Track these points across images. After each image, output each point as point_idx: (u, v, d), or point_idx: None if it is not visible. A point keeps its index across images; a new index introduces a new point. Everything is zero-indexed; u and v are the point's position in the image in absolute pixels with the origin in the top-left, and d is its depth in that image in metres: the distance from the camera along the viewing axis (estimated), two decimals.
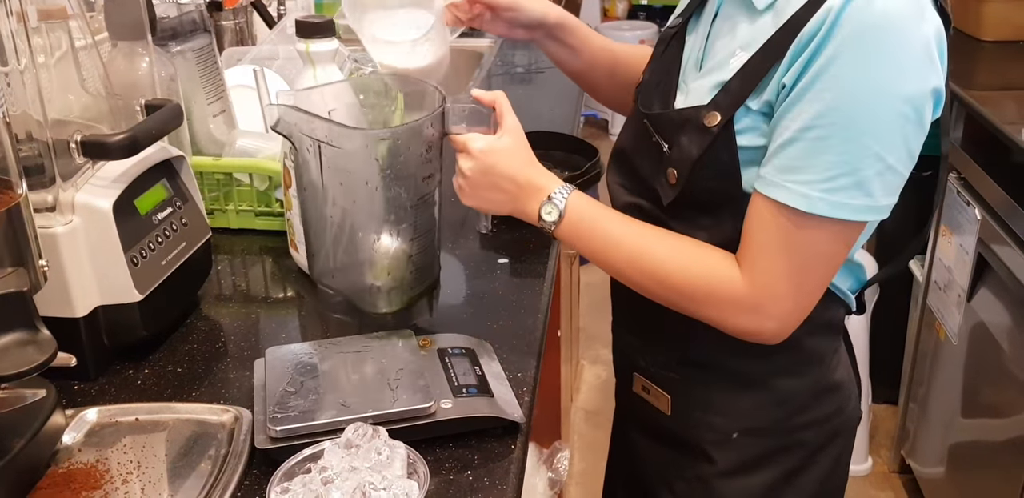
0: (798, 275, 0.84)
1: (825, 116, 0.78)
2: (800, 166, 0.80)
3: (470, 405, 0.86)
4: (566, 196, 0.90)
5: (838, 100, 0.77)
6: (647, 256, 0.89)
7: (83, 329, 0.92)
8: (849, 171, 0.79)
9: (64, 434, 0.85)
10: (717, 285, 0.86)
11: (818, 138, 0.78)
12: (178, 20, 1.13)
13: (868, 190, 0.79)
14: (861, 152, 0.78)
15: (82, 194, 0.87)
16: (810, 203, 0.80)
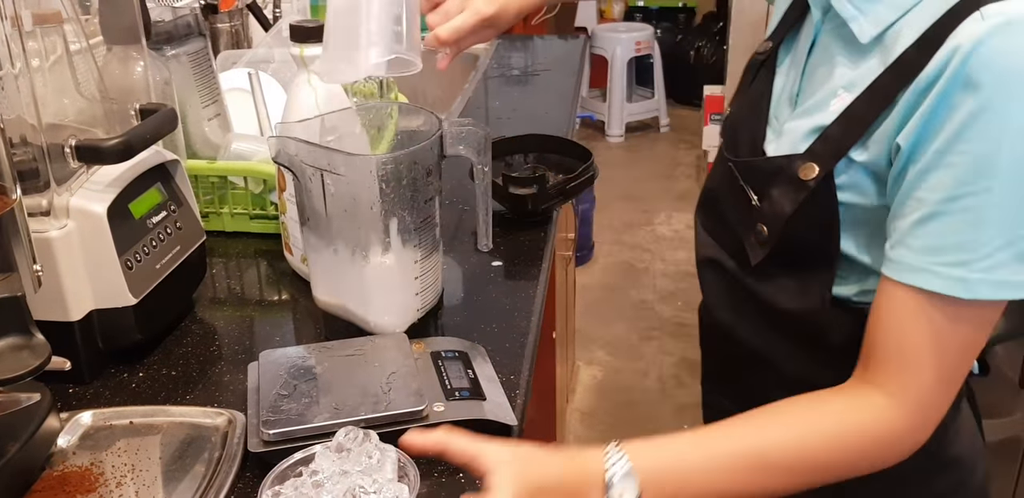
0: (951, 376, 0.73)
1: (974, 182, 0.67)
2: (949, 245, 0.69)
3: (462, 408, 0.86)
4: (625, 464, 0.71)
5: (991, 162, 0.67)
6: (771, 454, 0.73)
7: (78, 333, 0.92)
8: (1008, 242, 0.68)
9: (59, 437, 0.86)
10: (869, 433, 0.73)
11: (968, 209, 0.68)
12: (173, 24, 1.14)
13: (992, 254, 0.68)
14: (1020, 221, 0.68)
15: (76, 198, 0.87)
16: (968, 287, 0.68)
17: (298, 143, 0.84)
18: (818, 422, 0.74)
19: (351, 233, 0.88)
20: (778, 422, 0.75)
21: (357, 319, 0.95)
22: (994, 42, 0.65)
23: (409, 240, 0.90)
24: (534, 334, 1.05)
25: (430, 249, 0.93)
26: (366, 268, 0.90)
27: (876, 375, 0.73)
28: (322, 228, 0.91)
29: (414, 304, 0.95)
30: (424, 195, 0.89)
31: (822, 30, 0.83)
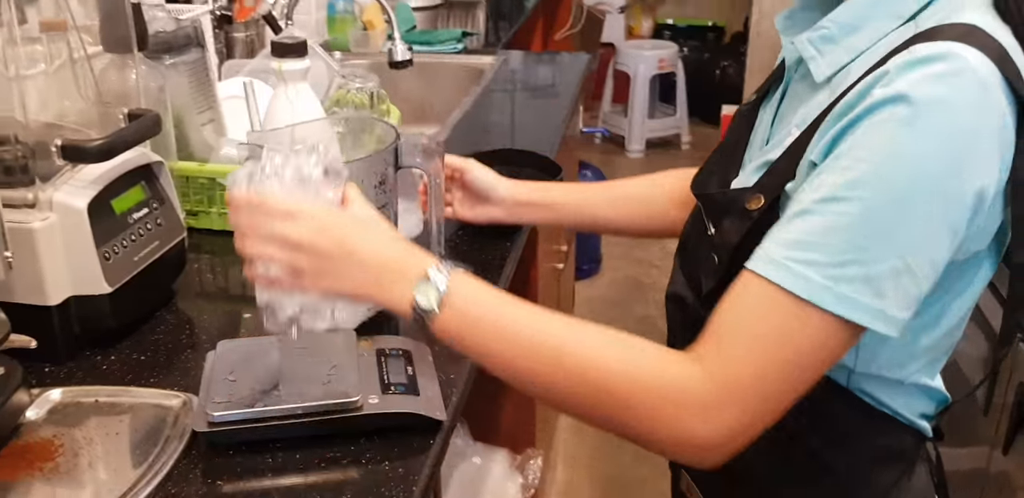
0: (776, 376, 0.71)
1: (853, 189, 0.68)
2: (807, 243, 0.69)
3: (395, 401, 0.93)
4: (446, 275, 0.75)
5: (876, 175, 0.68)
6: (570, 347, 0.74)
7: (55, 316, 1.00)
8: (862, 260, 0.68)
9: (28, 410, 0.94)
10: (664, 379, 0.71)
11: (838, 214, 0.69)
12: (173, 34, 1.23)
13: (879, 289, 0.68)
14: (881, 241, 0.68)
15: (60, 193, 0.96)
16: (810, 289, 0.69)
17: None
18: (629, 352, 0.74)
19: None
20: (600, 334, 0.76)
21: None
22: (914, 72, 0.68)
23: None
24: None
25: None
26: None
27: (703, 347, 0.73)
28: None
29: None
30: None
31: (793, 77, 0.87)
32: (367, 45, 2.27)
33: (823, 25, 0.80)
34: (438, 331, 0.76)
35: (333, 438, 0.92)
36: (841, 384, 0.83)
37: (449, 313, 0.75)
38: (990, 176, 0.70)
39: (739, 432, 0.72)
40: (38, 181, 0.94)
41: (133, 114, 1.03)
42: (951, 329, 0.83)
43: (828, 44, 0.79)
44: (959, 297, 0.80)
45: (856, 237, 0.68)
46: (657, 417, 0.72)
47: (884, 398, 0.84)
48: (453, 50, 2.39)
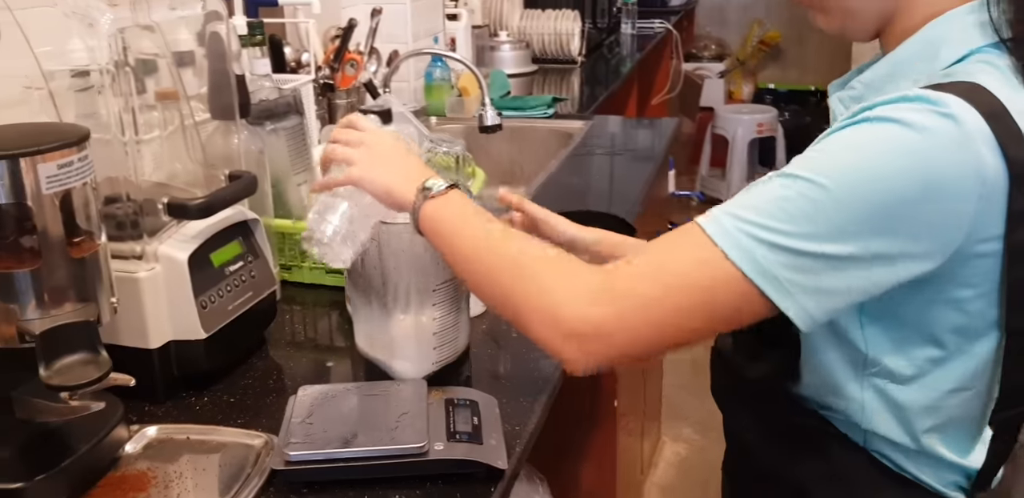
0: (662, 299, 0.76)
1: (808, 169, 0.74)
2: (745, 202, 0.75)
3: (459, 449, 0.98)
4: (449, 183, 0.92)
5: (829, 164, 0.73)
6: (508, 238, 0.86)
7: (156, 359, 1.10)
8: (781, 229, 0.72)
9: (127, 444, 1.03)
10: (569, 264, 0.81)
11: (783, 186, 0.74)
12: (275, 103, 1.34)
13: (782, 260, 0.72)
14: (807, 221, 0.72)
15: (164, 246, 1.06)
16: (721, 232, 0.74)
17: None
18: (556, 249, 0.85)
19: (379, 290, 1.04)
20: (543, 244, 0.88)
21: (384, 366, 1.10)
22: (899, 103, 0.73)
23: (427, 300, 1.04)
24: (548, 394, 1.17)
25: (450, 309, 1.07)
26: (389, 322, 1.05)
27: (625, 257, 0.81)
28: (360, 283, 1.07)
29: (431, 356, 1.08)
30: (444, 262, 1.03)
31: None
32: (462, 110, 2.38)
33: (852, 86, 0.86)
34: (424, 212, 0.90)
35: (400, 481, 0.97)
36: (858, 443, 0.86)
37: (440, 200, 0.90)
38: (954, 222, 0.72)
39: (602, 333, 0.77)
40: (145, 235, 1.04)
41: (233, 175, 1.13)
42: (951, 391, 0.83)
43: (855, 103, 0.84)
44: (954, 361, 0.81)
45: (787, 208, 0.72)
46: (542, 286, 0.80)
47: (902, 463, 0.86)
48: (543, 115, 2.49)
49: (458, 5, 2.77)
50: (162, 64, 1.12)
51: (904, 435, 0.85)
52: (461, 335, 1.12)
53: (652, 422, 2.69)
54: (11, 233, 0.82)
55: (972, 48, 0.79)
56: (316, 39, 1.93)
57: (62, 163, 0.81)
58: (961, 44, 0.79)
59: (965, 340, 0.81)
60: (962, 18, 0.80)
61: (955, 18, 0.80)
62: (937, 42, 0.80)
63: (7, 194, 0.79)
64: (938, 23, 0.81)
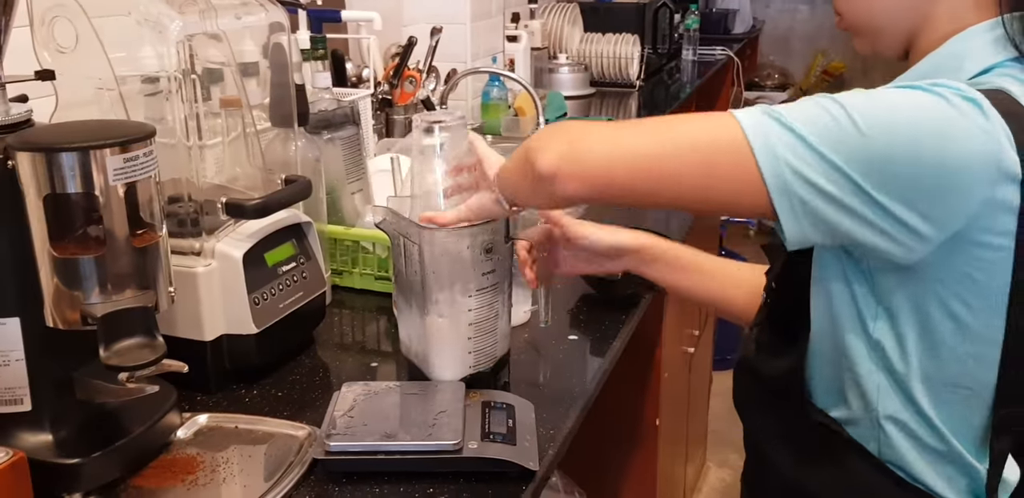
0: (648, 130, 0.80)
1: (845, 98, 0.77)
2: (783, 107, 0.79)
3: (492, 449, 1.01)
4: None
5: (864, 99, 0.76)
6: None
7: (209, 351, 1.15)
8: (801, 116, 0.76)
9: (179, 430, 1.08)
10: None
11: (818, 102, 0.77)
12: (333, 113, 1.40)
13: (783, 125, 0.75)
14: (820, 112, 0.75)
15: (221, 244, 1.12)
16: (747, 114, 0.77)
17: (389, 211, 1.05)
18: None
19: (419, 293, 1.08)
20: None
21: (422, 367, 1.13)
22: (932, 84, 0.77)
23: (464, 305, 1.08)
24: (585, 401, 1.19)
25: (487, 315, 1.11)
26: (427, 325, 1.09)
27: None
28: (403, 287, 1.11)
29: (468, 360, 1.12)
30: (481, 268, 1.07)
31: None
32: (517, 130, 2.43)
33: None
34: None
35: (434, 476, 1.01)
36: (872, 453, 0.87)
37: None
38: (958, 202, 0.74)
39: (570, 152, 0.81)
40: (204, 233, 1.10)
41: (289, 179, 1.19)
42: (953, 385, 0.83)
43: None
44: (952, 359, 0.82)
45: (818, 121, 0.75)
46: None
47: (916, 472, 0.86)
48: None
49: (519, 27, 2.83)
50: (227, 73, 1.19)
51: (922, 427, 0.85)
52: (500, 341, 1.16)
53: (697, 446, 2.68)
54: (79, 222, 0.88)
55: (993, 62, 0.82)
56: (377, 55, 2.00)
57: (128, 157, 0.86)
58: (983, 58, 0.83)
59: (966, 336, 0.81)
60: (982, 35, 0.84)
61: (976, 35, 0.84)
62: (960, 56, 0.84)
63: (77, 184, 0.85)
64: (960, 38, 0.85)
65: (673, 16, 3.78)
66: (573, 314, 1.43)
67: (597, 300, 1.46)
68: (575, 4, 3.42)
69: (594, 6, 3.52)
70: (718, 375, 3.07)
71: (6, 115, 0.91)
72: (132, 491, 0.97)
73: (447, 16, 2.36)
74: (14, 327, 0.90)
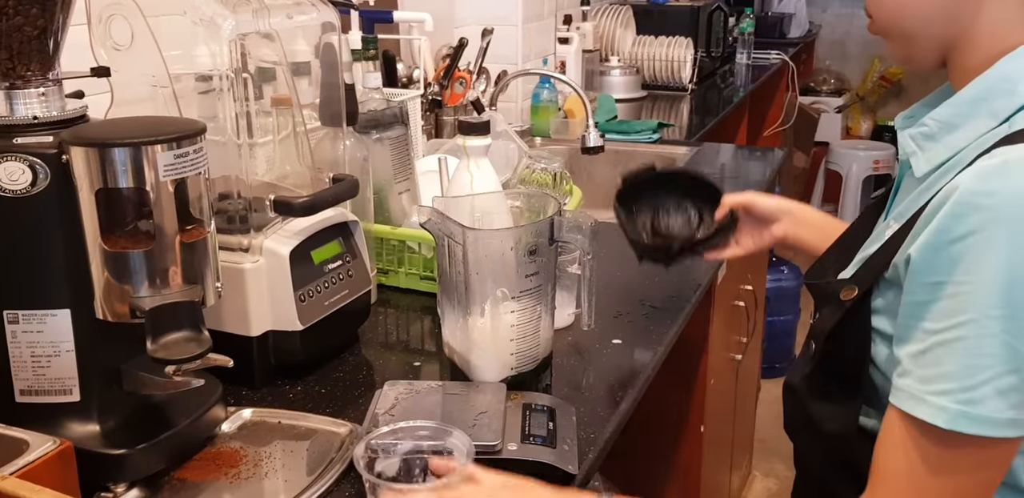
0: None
1: (964, 313, 0.72)
2: (938, 374, 0.73)
3: (531, 451, 1.01)
4: None
5: (979, 295, 0.71)
6: None
7: (255, 346, 1.16)
8: (990, 377, 0.71)
9: (224, 424, 1.09)
10: None
11: (958, 339, 0.72)
12: (382, 113, 1.41)
13: (1013, 401, 0.71)
14: (1005, 355, 0.71)
15: (269, 241, 1.13)
16: (949, 418, 0.72)
17: (434, 211, 1.05)
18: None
19: (462, 294, 1.08)
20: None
21: (463, 367, 1.14)
22: (983, 180, 0.72)
23: (506, 307, 1.08)
24: (627, 406, 1.18)
25: (529, 318, 1.10)
26: (469, 325, 1.10)
27: (873, 489, 0.79)
28: (447, 287, 1.12)
29: (509, 362, 1.12)
30: (525, 270, 1.07)
31: (905, 173, 0.91)
32: (566, 132, 2.43)
33: (924, 123, 0.84)
34: None
35: None
36: None
37: None
38: None
39: None
40: (252, 230, 1.11)
41: (336, 178, 1.20)
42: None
43: (928, 141, 0.83)
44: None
45: (976, 357, 0.71)
46: None
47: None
48: (648, 140, 2.51)
49: (570, 29, 2.83)
50: (279, 72, 1.20)
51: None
52: (542, 344, 1.15)
53: (743, 454, 2.65)
54: (130, 216, 0.90)
55: None
56: (428, 56, 2.01)
57: (178, 153, 0.88)
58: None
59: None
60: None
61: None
62: (1013, 79, 0.79)
63: (129, 179, 0.86)
64: (1012, 58, 0.80)
65: (727, 19, 3.74)
66: (618, 318, 1.43)
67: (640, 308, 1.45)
68: (628, 6, 3.41)
69: (647, 8, 3.50)
70: (766, 383, 3.03)
71: (62, 110, 0.93)
72: (176, 483, 0.98)
73: (499, 17, 2.36)
74: (65, 319, 0.91)
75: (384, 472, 0.93)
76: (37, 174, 0.87)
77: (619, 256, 1.71)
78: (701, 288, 1.55)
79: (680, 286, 1.55)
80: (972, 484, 0.75)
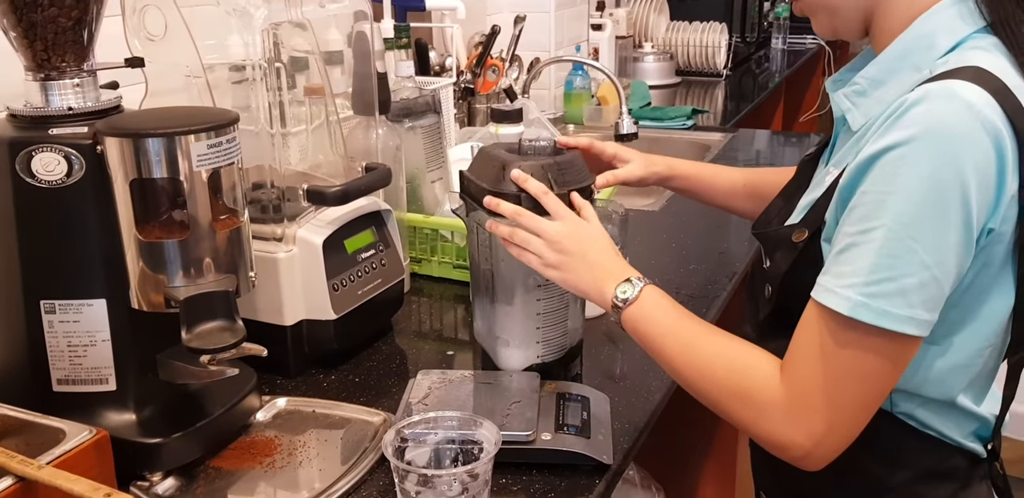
0: (834, 388, 0.82)
1: (877, 217, 0.79)
2: (850, 270, 0.80)
3: (565, 441, 1.00)
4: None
5: (887, 204, 0.78)
6: (697, 348, 0.91)
7: (289, 336, 1.17)
8: (893, 276, 0.78)
9: (258, 413, 1.10)
10: (754, 383, 0.86)
11: (870, 240, 0.79)
12: (414, 102, 1.40)
13: (910, 300, 0.78)
14: (909, 258, 0.78)
15: (303, 230, 1.13)
16: (851, 307, 0.79)
17: (463, 199, 1.04)
18: (740, 359, 0.89)
19: (490, 281, 1.08)
20: (730, 343, 0.92)
21: (492, 354, 1.13)
22: (907, 107, 0.79)
23: (532, 295, 1.07)
24: (662, 395, 1.17)
25: (557, 306, 1.09)
26: (496, 313, 1.09)
27: (785, 363, 0.86)
28: (477, 274, 1.11)
29: (536, 349, 1.11)
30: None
31: (840, 129, 0.98)
32: (600, 119, 2.41)
33: (855, 81, 0.91)
34: (624, 320, 0.96)
35: (507, 466, 1.00)
36: (885, 409, 0.91)
37: (635, 307, 0.94)
38: (987, 186, 0.78)
39: (821, 442, 0.84)
40: (286, 219, 1.11)
41: (369, 167, 1.19)
42: (980, 349, 0.89)
43: (861, 97, 0.90)
44: (982, 318, 0.87)
45: (884, 258, 0.79)
46: (749, 417, 0.87)
47: (928, 421, 0.92)
48: (682, 126, 2.48)
49: (603, 15, 2.80)
50: (312, 61, 1.20)
51: (939, 391, 0.90)
52: (571, 332, 1.14)
53: None
54: (164, 206, 0.90)
55: (963, 37, 0.85)
56: (461, 44, 2.00)
57: (212, 143, 0.88)
58: (952, 34, 0.85)
59: (988, 298, 0.86)
60: (946, 10, 0.86)
61: (941, 11, 0.86)
62: (930, 35, 0.86)
63: (163, 169, 0.86)
64: (926, 18, 0.86)
65: (763, 4, 3.70)
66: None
67: (677, 293, 1.44)
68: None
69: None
70: None
71: (97, 101, 0.93)
72: (211, 471, 0.99)
73: (532, 4, 2.35)
74: (101, 309, 0.92)
75: (414, 461, 0.93)
76: (72, 165, 0.88)
77: (653, 244, 1.70)
78: (736, 276, 1.53)
79: (716, 273, 1.53)
80: (864, 373, 0.82)
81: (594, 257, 0.97)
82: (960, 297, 0.85)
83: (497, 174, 1.02)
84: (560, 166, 1.03)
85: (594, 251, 0.97)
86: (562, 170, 1.03)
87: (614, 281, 0.96)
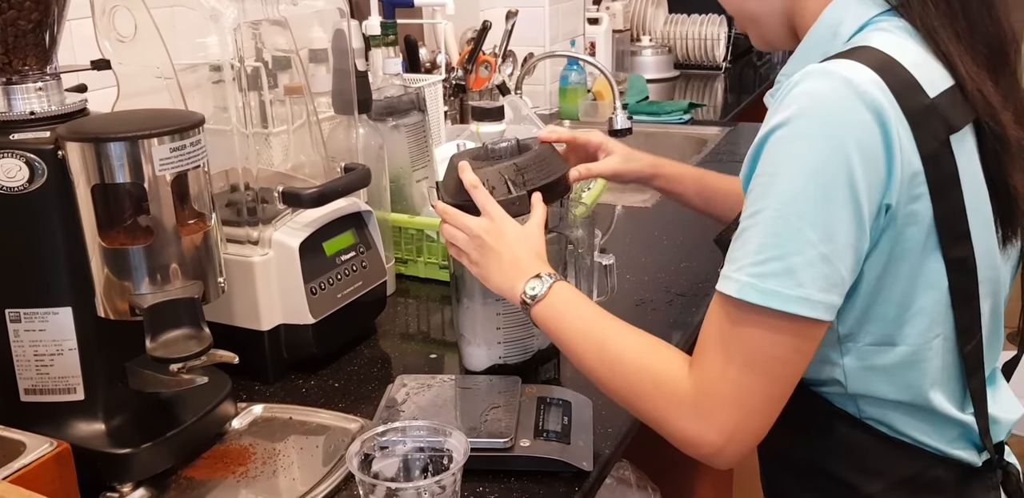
0: (738, 377, 0.79)
1: (761, 198, 0.78)
2: (740, 254, 0.79)
3: (545, 447, 0.99)
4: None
5: (774, 183, 0.78)
6: (607, 345, 0.89)
7: (266, 341, 1.15)
8: (779, 255, 0.76)
9: (234, 420, 1.08)
10: (662, 378, 0.84)
11: (757, 223, 0.78)
12: (398, 100, 1.38)
13: (799, 280, 0.76)
14: (795, 237, 0.76)
15: (278, 233, 1.11)
16: (739, 288, 0.78)
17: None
18: (649, 356, 0.87)
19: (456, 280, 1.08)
20: (638, 339, 0.89)
21: (461, 352, 1.12)
22: (790, 88, 0.79)
23: (493, 295, 1.04)
24: None
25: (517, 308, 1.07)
26: (460, 310, 1.09)
27: (693, 356, 0.84)
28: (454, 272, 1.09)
29: (497, 350, 1.10)
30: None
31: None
32: (596, 114, 2.38)
33: (778, 80, 0.92)
34: (534, 316, 0.94)
35: (485, 473, 0.98)
36: (852, 415, 0.90)
37: (543, 304, 0.93)
38: (874, 161, 0.77)
39: (731, 436, 0.81)
40: (261, 222, 1.09)
41: (348, 167, 1.17)
42: (927, 342, 0.86)
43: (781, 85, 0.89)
44: (917, 309, 0.84)
45: (769, 237, 0.77)
46: (659, 414, 0.85)
47: (900, 426, 0.90)
48: (679, 121, 2.46)
49: (600, 9, 2.77)
50: (293, 60, 1.18)
51: (905, 394, 0.88)
52: (540, 334, 1.12)
53: None
54: (128, 212, 0.88)
55: (866, 20, 0.85)
56: (452, 40, 1.97)
57: (175, 147, 0.86)
58: (856, 18, 0.86)
59: (917, 289, 0.84)
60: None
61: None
62: (835, 23, 0.87)
63: (125, 174, 0.84)
64: (831, 7, 0.87)
65: None
66: (640, 306, 1.39)
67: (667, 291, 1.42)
68: None
69: None
70: None
71: (61, 105, 0.91)
72: (183, 482, 0.97)
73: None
74: (67, 317, 0.90)
75: (383, 472, 0.91)
76: (34, 170, 0.86)
77: (645, 241, 1.68)
78: None
79: (707, 272, 1.51)
80: (767, 358, 0.79)
81: (510, 253, 0.96)
82: (889, 291, 0.83)
83: (458, 181, 1.01)
84: (519, 167, 1.01)
85: (512, 247, 0.96)
86: (521, 171, 1.01)
87: (524, 277, 0.94)
